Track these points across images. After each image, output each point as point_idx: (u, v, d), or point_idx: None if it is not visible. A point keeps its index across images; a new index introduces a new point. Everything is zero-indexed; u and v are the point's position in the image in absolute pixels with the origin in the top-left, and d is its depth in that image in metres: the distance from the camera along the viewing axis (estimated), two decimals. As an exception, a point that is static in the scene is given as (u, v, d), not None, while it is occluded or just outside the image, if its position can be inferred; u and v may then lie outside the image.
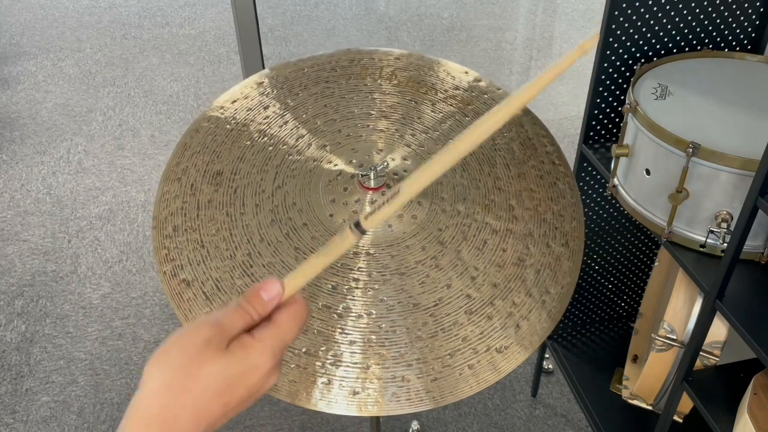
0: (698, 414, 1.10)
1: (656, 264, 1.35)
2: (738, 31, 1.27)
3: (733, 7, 1.23)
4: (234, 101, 0.97)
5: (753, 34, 1.28)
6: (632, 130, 1.12)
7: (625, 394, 1.42)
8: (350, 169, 0.89)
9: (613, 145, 1.16)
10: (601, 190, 1.47)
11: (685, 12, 1.22)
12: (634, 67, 1.24)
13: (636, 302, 1.74)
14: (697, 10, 1.22)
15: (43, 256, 2.27)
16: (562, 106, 3.06)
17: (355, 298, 0.77)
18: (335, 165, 0.90)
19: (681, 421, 1.28)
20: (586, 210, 1.50)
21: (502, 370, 0.75)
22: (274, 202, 0.85)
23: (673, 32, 1.24)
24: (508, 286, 0.80)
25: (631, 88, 1.14)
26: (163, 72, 3.37)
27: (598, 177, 1.45)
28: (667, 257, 1.31)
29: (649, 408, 1.36)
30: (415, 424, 1.74)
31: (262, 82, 1.00)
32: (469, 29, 3.74)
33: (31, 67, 3.39)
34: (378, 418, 1.25)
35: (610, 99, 1.31)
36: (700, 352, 1.10)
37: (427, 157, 0.92)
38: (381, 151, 0.92)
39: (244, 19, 1.77)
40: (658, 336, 1.20)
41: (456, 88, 1.00)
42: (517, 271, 0.81)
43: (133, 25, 3.82)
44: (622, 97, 1.32)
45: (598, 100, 1.31)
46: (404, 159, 0.91)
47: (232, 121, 0.94)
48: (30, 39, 3.66)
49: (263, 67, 1.84)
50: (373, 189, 0.86)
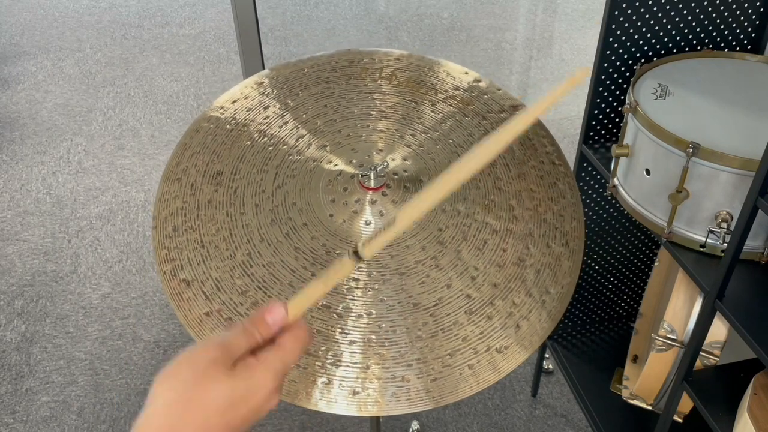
0: (698, 414, 1.10)
1: (656, 264, 1.36)
2: (738, 31, 1.27)
3: (733, 7, 1.23)
4: (234, 101, 0.97)
5: (753, 34, 1.28)
6: (632, 130, 1.12)
7: (625, 394, 1.42)
8: (350, 169, 0.89)
9: (613, 145, 1.16)
10: (601, 190, 1.47)
11: (685, 12, 1.22)
12: (634, 67, 1.24)
13: (636, 302, 1.74)
14: (697, 10, 1.22)
15: (43, 256, 2.27)
16: (562, 106, 3.06)
17: (355, 298, 0.77)
18: (335, 165, 0.90)
19: (681, 421, 1.28)
20: (586, 210, 1.50)
21: (502, 370, 0.75)
22: (274, 202, 0.85)
23: (673, 32, 1.24)
24: (508, 286, 0.80)
25: (631, 88, 1.14)
26: (163, 72, 3.37)
27: (598, 177, 1.45)
28: (667, 257, 1.31)
29: (649, 408, 1.36)
30: (415, 424, 1.74)
31: (262, 83, 1.00)
32: (469, 29, 3.74)
33: (31, 67, 3.39)
34: (378, 418, 1.25)
35: (610, 99, 1.31)
36: (700, 352, 1.10)
37: (427, 157, 0.92)
38: (381, 151, 0.92)
39: (244, 19, 1.76)
40: (658, 336, 1.20)
41: (456, 88, 1.00)
42: (517, 271, 0.81)
43: (133, 25, 3.82)
44: (622, 97, 1.32)
45: (598, 100, 1.31)
46: (404, 159, 0.91)
47: (232, 121, 0.94)
48: (30, 39, 3.66)
49: (263, 67, 1.84)
50: (373, 189, 0.86)
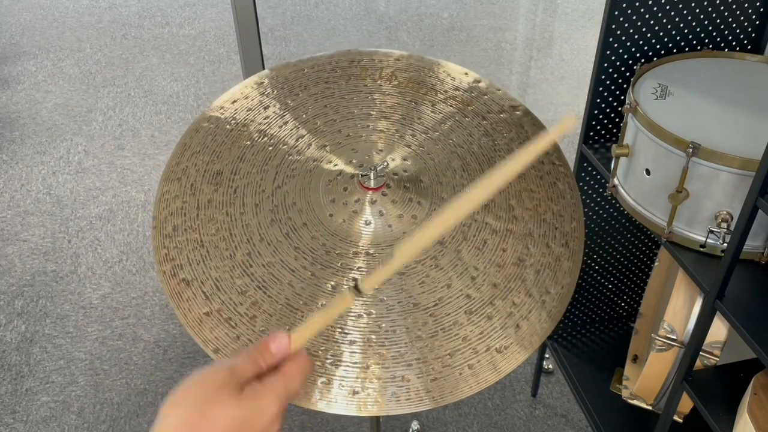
0: (698, 414, 1.10)
1: (656, 264, 1.35)
2: (738, 31, 1.27)
3: (733, 7, 1.23)
4: (234, 101, 0.97)
5: (753, 34, 1.28)
6: (632, 130, 1.12)
7: (625, 394, 1.42)
8: (350, 169, 0.89)
9: (613, 145, 1.16)
10: (601, 190, 1.47)
11: (685, 12, 1.22)
12: (634, 67, 1.24)
13: (636, 302, 1.74)
14: (697, 10, 1.22)
15: (43, 256, 2.27)
16: (562, 106, 3.06)
17: (355, 298, 0.77)
18: (335, 165, 0.90)
19: (681, 421, 1.28)
20: (586, 210, 1.50)
21: (502, 370, 0.74)
22: (274, 202, 0.85)
23: (673, 32, 1.24)
24: (508, 286, 0.80)
25: (631, 88, 1.14)
26: (163, 72, 3.37)
27: (598, 177, 1.45)
28: (667, 257, 1.31)
29: (649, 408, 1.36)
30: (415, 424, 1.74)
31: (262, 83, 1.00)
32: (469, 29, 3.74)
33: (31, 67, 3.39)
34: (378, 418, 1.25)
35: (610, 99, 1.31)
36: (700, 352, 1.10)
37: (426, 158, 0.92)
38: (381, 151, 0.92)
39: (244, 19, 1.76)
40: (658, 336, 1.20)
41: (456, 89, 1.00)
42: (517, 271, 0.81)
43: (133, 25, 3.82)
44: (622, 97, 1.32)
45: (598, 100, 1.31)
46: (404, 159, 0.91)
47: (232, 121, 0.94)
48: (30, 39, 3.66)
49: (263, 67, 1.84)
50: (373, 189, 0.86)
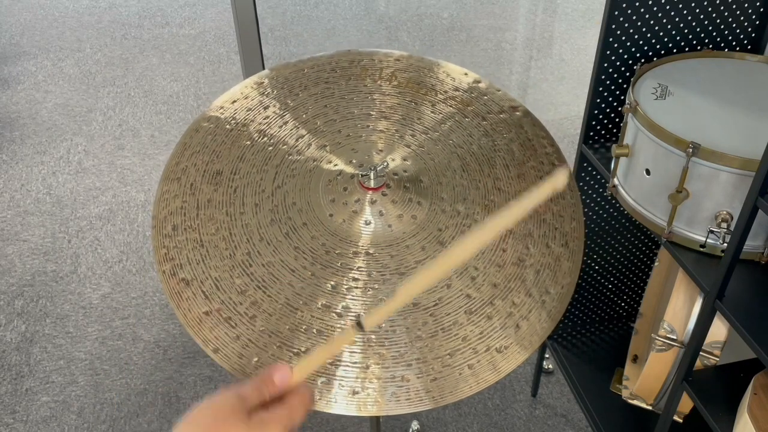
0: (698, 414, 1.10)
1: (656, 264, 1.35)
2: (738, 31, 1.27)
3: (733, 7, 1.23)
4: (234, 101, 0.97)
5: (753, 34, 1.28)
6: (632, 130, 1.12)
7: (625, 394, 1.42)
8: (350, 169, 0.89)
9: (613, 145, 1.16)
10: (601, 190, 1.47)
11: (685, 12, 1.22)
12: (634, 67, 1.24)
13: (636, 302, 1.74)
14: (697, 10, 1.22)
15: (43, 256, 2.27)
16: (562, 106, 3.06)
17: (355, 298, 0.77)
18: (335, 165, 0.90)
19: (681, 421, 1.28)
20: (586, 210, 1.50)
21: (502, 370, 0.74)
22: (273, 202, 0.85)
23: (673, 32, 1.24)
24: (508, 286, 0.80)
25: (631, 88, 1.14)
26: (163, 72, 3.37)
27: (598, 177, 1.45)
28: (667, 257, 1.31)
29: (649, 408, 1.36)
30: (415, 424, 1.74)
31: (262, 83, 1.00)
32: (469, 29, 3.74)
33: (31, 67, 3.39)
34: (378, 418, 1.25)
35: (610, 99, 1.31)
36: (700, 352, 1.10)
37: (426, 158, 0.92)
38: (381, 151, 0.92)
39: (244, 19, 1.76)
40: (658, 336, 1.20)
41: (456, 89, 1.00)
42: (517, 271, 0.81)
43: (133, 25, 3.82)
44: (622, 97, 1.32)
45: (598, 100, 1.31)
46: (404, 159, 0.91)
47: (232, 121, 0.94)
48: (30, 39, 3.66)
49: (263, 67, 1.84)
50: (373, 189, 0.86)
